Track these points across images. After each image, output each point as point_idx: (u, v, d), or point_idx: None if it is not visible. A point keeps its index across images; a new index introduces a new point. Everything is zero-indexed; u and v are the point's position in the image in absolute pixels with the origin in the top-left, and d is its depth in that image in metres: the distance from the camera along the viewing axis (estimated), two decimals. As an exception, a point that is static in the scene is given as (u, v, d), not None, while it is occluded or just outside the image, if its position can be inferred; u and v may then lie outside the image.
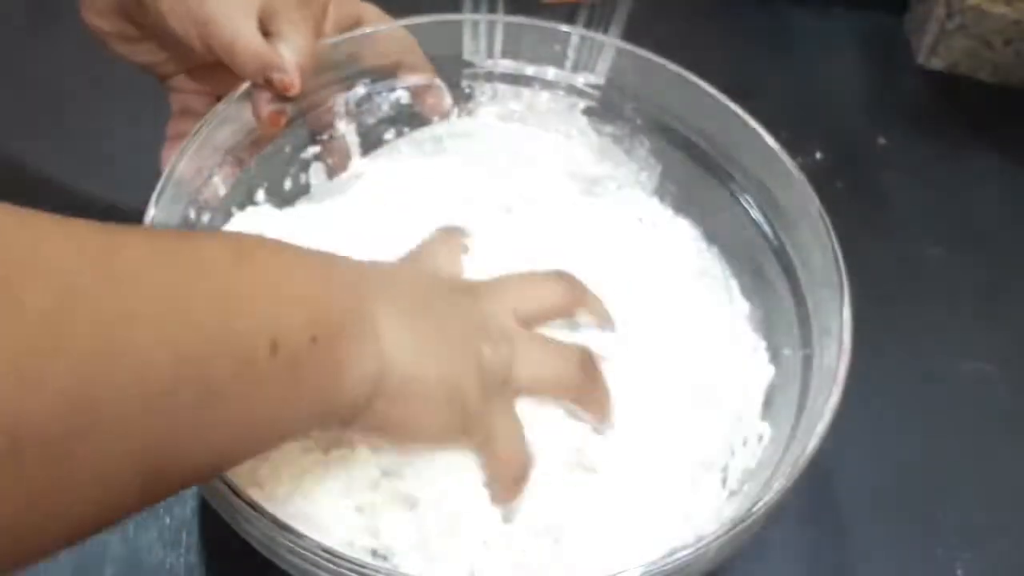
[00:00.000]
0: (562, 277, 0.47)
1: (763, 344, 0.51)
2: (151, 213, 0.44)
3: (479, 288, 0.44)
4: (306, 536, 0.37)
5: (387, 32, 0.54)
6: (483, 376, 0.40)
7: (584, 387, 0.44)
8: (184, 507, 0.50)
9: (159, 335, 0.28)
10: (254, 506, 0.38)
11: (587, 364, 0.44)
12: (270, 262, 0.35)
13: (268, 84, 0.46)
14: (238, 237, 0.41)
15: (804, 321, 0.48)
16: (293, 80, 0.46)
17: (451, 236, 0.50)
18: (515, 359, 0.42)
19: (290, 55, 0.46)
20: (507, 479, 0.43)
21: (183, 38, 0.46)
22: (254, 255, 0.34)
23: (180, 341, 0.29)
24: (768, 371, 0.50)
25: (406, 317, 0.38)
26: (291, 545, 0.37)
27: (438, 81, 0.56)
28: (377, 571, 0.37)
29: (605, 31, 0.60)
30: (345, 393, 0.36)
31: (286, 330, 0.32)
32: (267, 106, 0.48)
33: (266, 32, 0.46)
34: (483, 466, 0.42)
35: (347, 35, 0.52)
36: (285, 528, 0.37)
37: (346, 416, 0.37)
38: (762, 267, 0.52)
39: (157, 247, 0.30)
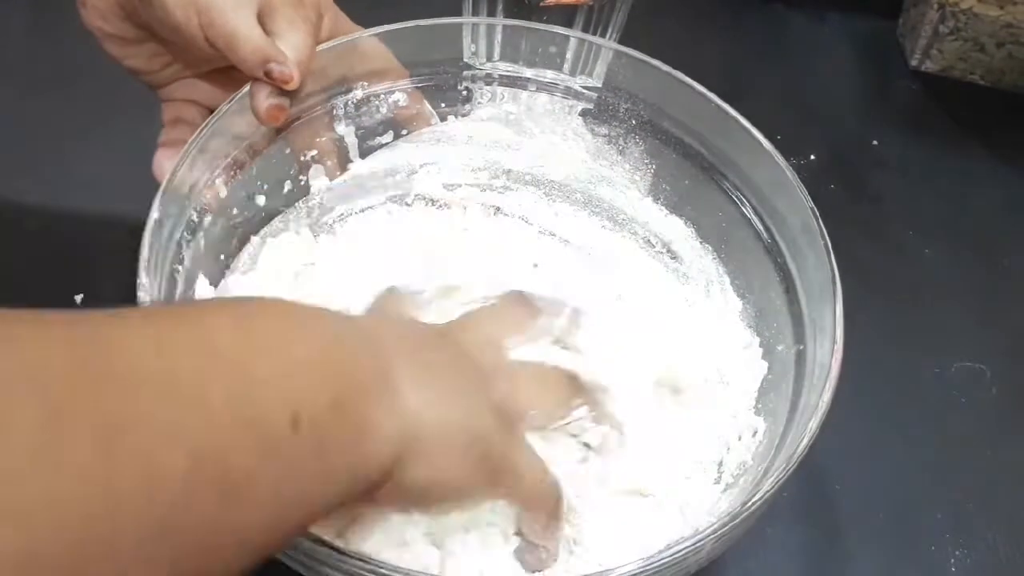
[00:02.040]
0: (518, 297, 0.47)
1: (756, 340, 0.51)
2: (154, 216, 0.44)
3: (455, 329, 0.43)
4: (306, 533, 0.37)
5: (374, 46, 0.54)
6: (498, 418, 0.39)
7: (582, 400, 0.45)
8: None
9: (169, 434, 0.25)
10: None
11: (574, 380, 0.45)
12: (275, 328, 0.32)
13: (268, 77, 0.46)
14: (238, 304, 0.37)
15: (797, 318, 0.48)
16: (292, 73, 0.46)
17: (397, 297, 0.48)
18: (517, 393, 0.42)
19: (289, 51, 0.47)
20: (541, 519, 0.42)
21: (184, 28, 0.46)
22: (256, 323, 0.32)
23: (194, 437, 0.26)
24: (762, 367, 0.50)
25: (422, 369, 0.37)
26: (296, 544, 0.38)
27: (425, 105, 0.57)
28: (380, 568, 0.37)
29: (603, 34, 0.60)
30: (373, 456, 0.33)
31: (305, 400, 0.30)
32: (266, 100, 0.47)
33: (265, 30, 0.47)
34: (516, 516, 0.42)
35: (343, 39, 0.52)
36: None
37: (376, 480, 0.34)
38: (755, 266, 0.52)
39: (153, 334, 0.27)
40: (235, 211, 0.52)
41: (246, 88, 0.48)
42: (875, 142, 0.74)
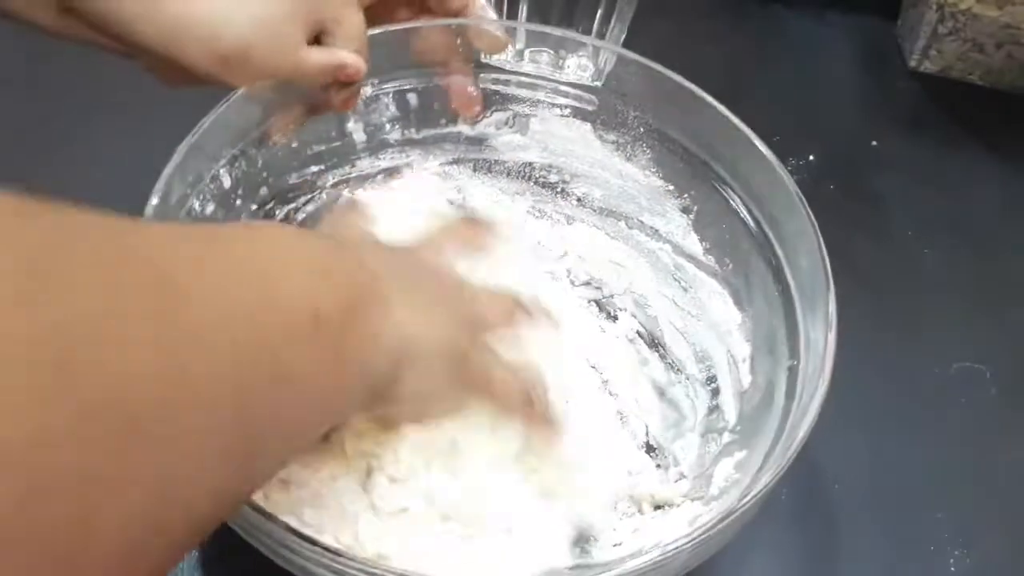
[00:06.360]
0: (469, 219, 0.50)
1: (751, 351, 0.51)
2: (153, 202, 0.43)
3: (418, 247, 0.46)
4: (305, 535, 0.37)
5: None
6: (470, 328, 0.41)
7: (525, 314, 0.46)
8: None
9: (216, 321, 0.27)
10: (254, 507, 0.38)
11: (520, 302, 0.46)
12: (283, 240, 0.35)
13: (337, 83, 0.49)
14: (242, 223, 0.41)
15: (792, 331, 0.47)
16: (357, 68, 0.48)
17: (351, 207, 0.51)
18: (478, 305, 0.44)
19: (346, 43, 0.48)
20: (515, 404, 0.43)
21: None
22: (265, 234, 0.34)
23: (231, 325, 0.28)
24: (755, 377, 0.50)
25: (407, 285, 0.39)
26: (291, 544, 0.37)
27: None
28: (377, 570, 0.37)
29: (605, 35, 0.60)
30: (380, 363, 0.36)
31: (322, 300, 0.32)
32: (337, 96, 0.50)
33: (319, 37, 0.48)
34: (493, 413, 0.43)
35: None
36: (284, 529, 0.37)
37: (380, 389, 0.37)
38: (754, 273, 0.52)
39: (186, 253, 0.29)
40: (239, 203, 0.51)
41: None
42: (874, 142, 0.74)
